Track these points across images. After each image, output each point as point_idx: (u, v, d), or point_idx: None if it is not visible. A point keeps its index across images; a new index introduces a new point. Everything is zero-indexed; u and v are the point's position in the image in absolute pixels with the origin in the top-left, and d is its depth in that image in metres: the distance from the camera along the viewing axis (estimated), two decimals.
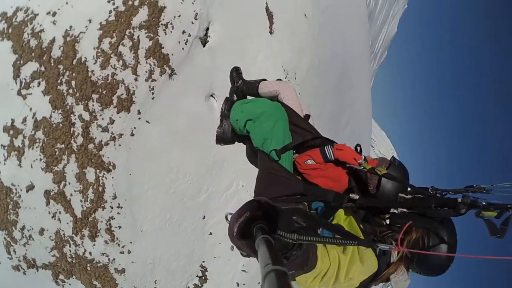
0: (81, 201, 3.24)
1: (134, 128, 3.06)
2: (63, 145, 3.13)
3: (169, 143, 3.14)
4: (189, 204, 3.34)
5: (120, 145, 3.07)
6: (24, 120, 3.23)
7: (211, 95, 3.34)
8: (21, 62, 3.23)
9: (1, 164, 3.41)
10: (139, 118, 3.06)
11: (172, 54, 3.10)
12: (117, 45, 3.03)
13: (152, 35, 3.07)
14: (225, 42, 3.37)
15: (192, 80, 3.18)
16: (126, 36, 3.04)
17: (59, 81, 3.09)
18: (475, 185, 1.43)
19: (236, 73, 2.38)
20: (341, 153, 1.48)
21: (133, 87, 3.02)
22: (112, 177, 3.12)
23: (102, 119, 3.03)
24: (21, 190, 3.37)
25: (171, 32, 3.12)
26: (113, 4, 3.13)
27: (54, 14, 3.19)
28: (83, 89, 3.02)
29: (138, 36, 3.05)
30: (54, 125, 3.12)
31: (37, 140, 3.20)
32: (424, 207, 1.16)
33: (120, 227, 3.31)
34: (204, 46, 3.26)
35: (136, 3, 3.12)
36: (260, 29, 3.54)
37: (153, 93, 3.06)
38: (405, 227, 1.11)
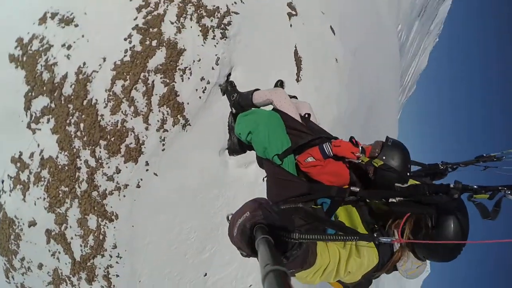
0: (81, 245, 3.09)
1: (141, 179, 2.85)
2: (67, 189, 2.97)
3: (176, 198, 2.90)
4: (191, 261, 3.11)
5: (124, 196, 2.87)
6: (31, 155, 3.11)
7: (226, 149, 3.06)
8: (33, 94, 3.08)
9: (6, 194, 3.33)
10: (147, 170, 2.84)
11: (188, 103, 2.84)
12: (130, 89, 2.80)
13: (168, 81, 2.81)
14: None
15: (207, 132, 2.91)
16: (140, 80, 2.80)
17: (68, 121, 2.91)
18: (485, 155, 1.44)
19: (230, 86, 2.41)
20: (339, 149, 1.51)
21: (143, 137, 2.80)
22: (114, 227, 2.94)
23: (108, 167, 2.83)
24: (23, 224, 3.27)
25: (188, 78, 2.85)
26: (130, 42, 2.89)
27: (69, 47, 3.00)
28: (91, 134, 2.83)
29: (153, 81, 2.81)
30: (59, 167, 2.97)
31: (42, 179, 3.07)
32: (419, 194, 1.16)
33: (117, 275, 3.15)
34: (223, 94, 2.96)
35: (154, 43, 2.86)
36: (287, 76, 3.19)
37: (163, 144, 2.82)
38: (405, 217, 1.07)
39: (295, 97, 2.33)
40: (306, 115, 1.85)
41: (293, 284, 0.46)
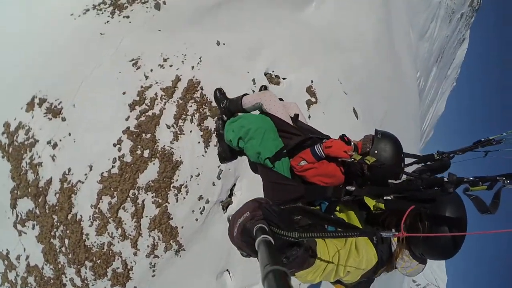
0: None
1: None
2: None
3: None
4: None
5: None
6: (18, 257, 2.87)
7: (226, 270, 2.65)
8: (18, 193, 2.80)
9: None
10: None
11: (182, 227, 2.44)
12: (117, 208, 2.42)
13: (160, 201, 2.41)
14: None
15: (203, 256, 2.51)
16: (129, 199, 2.42)
17: (52, 233, 2.62)
18: (483, 139, 1.37)
19: (219, 93, 2.35)
20: (331, 150, 1.46)
21: (131, 262, 2.45)
22: None
23: None
24: None
25: (184, 198, 2.43)
26: (119, 150, 2.49)
27: (55, 146, 2.66)
28: (76, 253, 2.52)
29: (143, 201, 2.41)
30: (45, 278, 2.71)
31: (29, 285, 2.83)
32: (413, 189, 1.13)
33: None
34: (225, 210, 2.53)
35: (146, 154, 2.44)
36: None
37: (154, 271, 2.46)
38: (407, 211, 1.02)
39: (281, 99, 2.26)
40: (295, 116, 1.84)
41: (293, 284, 0.45)
